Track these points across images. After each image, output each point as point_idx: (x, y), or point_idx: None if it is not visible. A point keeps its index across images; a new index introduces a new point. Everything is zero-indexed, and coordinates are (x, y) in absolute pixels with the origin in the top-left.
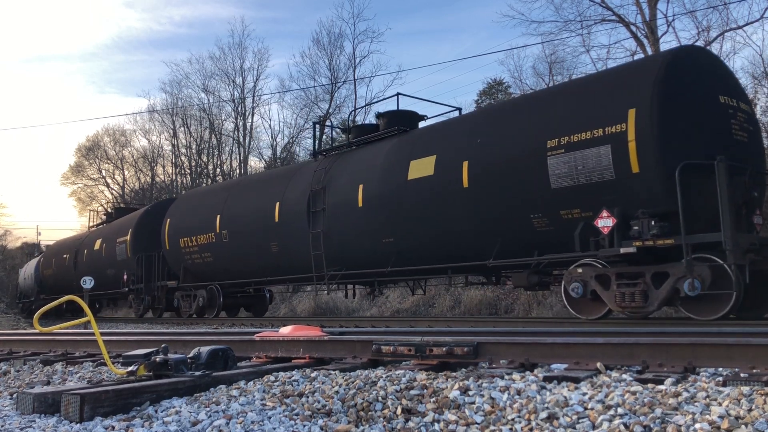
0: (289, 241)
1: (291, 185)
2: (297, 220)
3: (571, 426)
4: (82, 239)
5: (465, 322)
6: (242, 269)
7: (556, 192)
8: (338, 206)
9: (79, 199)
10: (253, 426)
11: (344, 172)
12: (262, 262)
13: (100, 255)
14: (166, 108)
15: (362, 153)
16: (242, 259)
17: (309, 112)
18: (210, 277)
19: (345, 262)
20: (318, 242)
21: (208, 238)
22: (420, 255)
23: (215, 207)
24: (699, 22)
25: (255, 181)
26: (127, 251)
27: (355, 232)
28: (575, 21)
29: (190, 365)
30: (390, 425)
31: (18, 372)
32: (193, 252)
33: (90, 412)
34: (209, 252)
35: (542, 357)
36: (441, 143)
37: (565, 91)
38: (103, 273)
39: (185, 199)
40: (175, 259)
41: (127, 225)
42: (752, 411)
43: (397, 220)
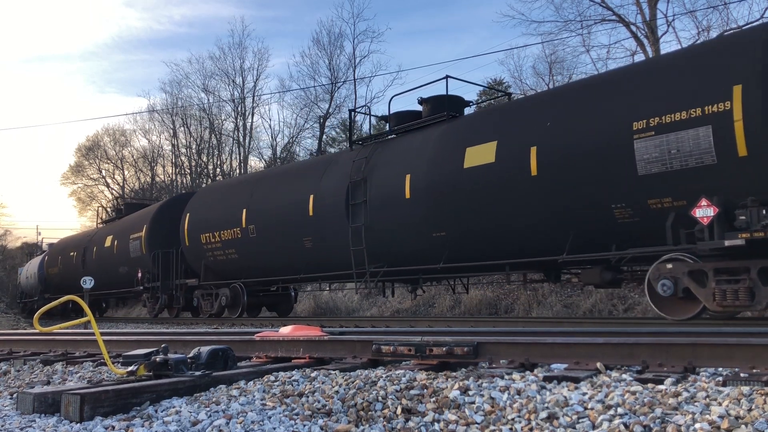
0: (324, 236)
1: (326, 176)
2: (334, 213)
3: (571, 426)
4: (90, 236)
5: (465, 322)
6: (270, 266)
7: (643, 179)
8: (382, 198)
9: (79, 199)
10: (253, 426)
11: (387, 162)
12: (294, 258)
13: (111, 252)
14: (166, 108)
15: (406, 141)
16: (271, 255)
17: (309, 112)
18: (233, 274)
19: (388, 258)
20: (359, 237)
21: (233, 234)
22: (475, 250)
23: (240, 201)
24: (699, 22)
25: (284, 172)
26: (142, 248)
27: (401, 225)
28: (575, 21)
29: (190, 365)
30: (390, 425)
31: (18, 372)
32: (216, 248)
33: (90, 411)
34: (234, 248)
35: (542, 357)
36: (502, 128)
37: (654, 67)
38: (114, 271)
39: (206, 193)
40: (196, 256)
41: (142, 220)
42: (752, 411)
43: (449, 213)
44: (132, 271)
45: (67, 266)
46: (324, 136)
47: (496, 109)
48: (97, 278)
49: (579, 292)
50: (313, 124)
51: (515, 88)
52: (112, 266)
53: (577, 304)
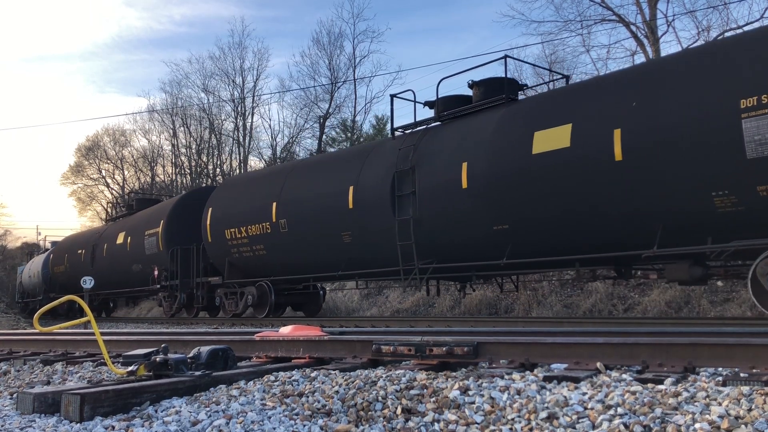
0: (366, 230)
1: (367, 166)
2: (378, 205)
3: (571, 426)
4: (100, 233)
5: (465, 322)
6: (303, 263)
7: (753, 163)
8: (434, 188)
9: (79, 199)
10: (253, 426)
11: (439, 150)
12: (331, 254)
13: (124, 249)
14: (166, 108)
15: (460, 127)
16: (304, 251)
17: (309, 112)
18: (261, 272)
19: (439, 254)
20: (407, 231)
21: (262, 229)
22: (542, 244)
23: (270, 193)
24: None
25: (318, 164)
26: (159, 244)
27: (456, 218)
28: (575, 21)
29: (190, 365)
30: (390, 425)
31: (18, 372)
32: (242, 244)
33: (90, 411)
34: (262, 244)
35: (542, 357)
36: (577, 109)
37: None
38: (126, 269)
39: (230, 186)
40: (219, 253)
41: (158, 216)
42: (752, 411)
43: (514, 203)
44: (147, 269)
45: (74, 264)
46: (324, 136)
47: (568, 90)
48: (108, 277)
49: (579, 292)
50: (313, 124)
51: None
52: (124, 264)
53: (577, 304)
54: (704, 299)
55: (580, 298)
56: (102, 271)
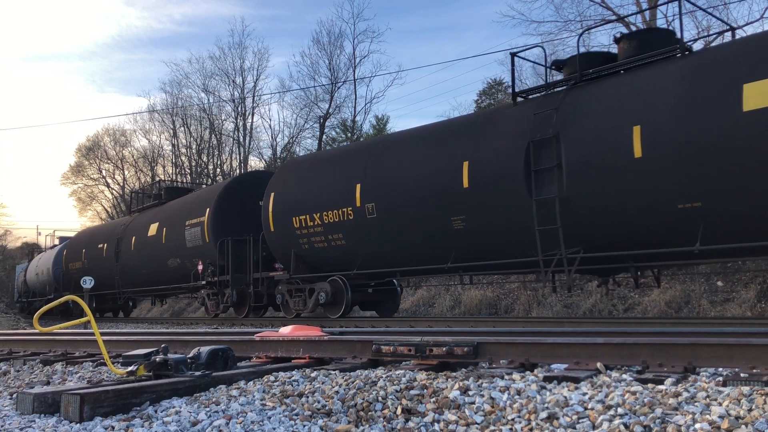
0: (485, 214)
1: (484, 138)
2: (504, 183)
3: (571, 426)
4: (125, 225)
5: (465, 322)
6: (394, 254)
7: None
8: (589, 160)
9: (79, 199)
10: (253, 426)
11: (595, 112)
12: (434, 243)
13: (158, 242)
14: (166, 108)
15: (619, 85)
16: (397, 240)
17: (309, 112)
18: (335, 265)
19: (590, 240)
20: (549, 213)
21: (342, 215)
22: (748, 226)
23: (351, 174)
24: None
25: (415, 138)
26: (205, 235)
27: (622, 195)
28: (575, 21)
29: (190, 365)
30: (390, 425)
31: (18, 372)
32: (314, 234)
33: (90, 412)
34: (341, 232)
35: (542, 357)
36: None
37: None
38: (160, 264)
39: (296, 168)
40: (283, 244)
41: (203, 203)
42: (752, 411)
43: (710, 175)
44: (186, 263)
45: (94, 260)
46: (324, 136)
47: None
48: (136, 273)
49: (579, 292)
50: (313, 124)
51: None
52: (157, 258)
53: (577, 304)
54: (704, 299)
55: (580, 298)
56: (129, 267)
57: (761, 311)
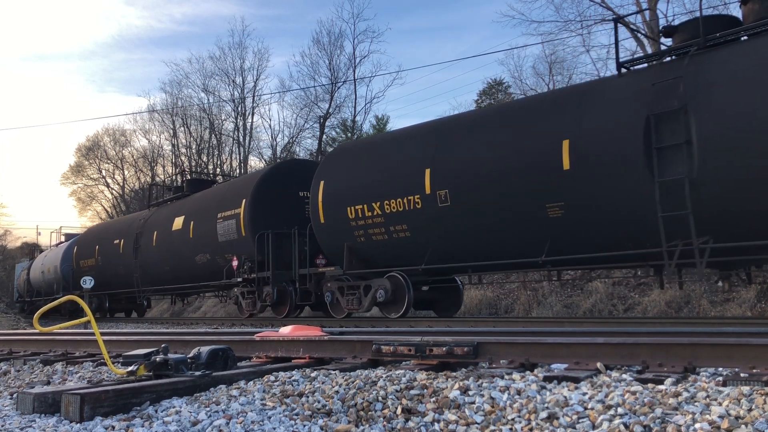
0: (590, 199)
1: (590, 112)
2: (617, 163)
3: (571, 426)
4: (143, 219)
5: (465, 322)
6: (469, 247)
7: None
8: (733, 134)
9: (79, 199)
10: (253, 426)
11: (737, 81)
12: (522, 234)
13: (184, 237)
14: (166, 108)
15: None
16: (477, 231)
17: (309, 112)
18: (396, 259)
19: (723, 229)
20: (677, 196)
21: (407, 204)
22: None
23: (418, 158)
24: None
25: (496, 115)
26: (241, 229)
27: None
28: (575, 21)
29: (190, 365)
30: (390, 425)
31: (18, 372)
32: (372, 225)
33: (90, 411)
34: (406, 223)
35: (542, 357)
36: None
37: None
38: (187, 260)
39: (349, 153)
40: (335, 237)
41: (238, 194)
42: (752, 411)
43: None
44: (218, 259)
45: (109, 257)
46: (324, 136)
47: None
48: (158, 270)
49: (579, 292)
50: (313, 124)
51: (515, 88)
52: (183, 254)
53: (577, 304)
54: (704, 299)
55: (580, 298)
56: (150, 264)
57: (761, 311)
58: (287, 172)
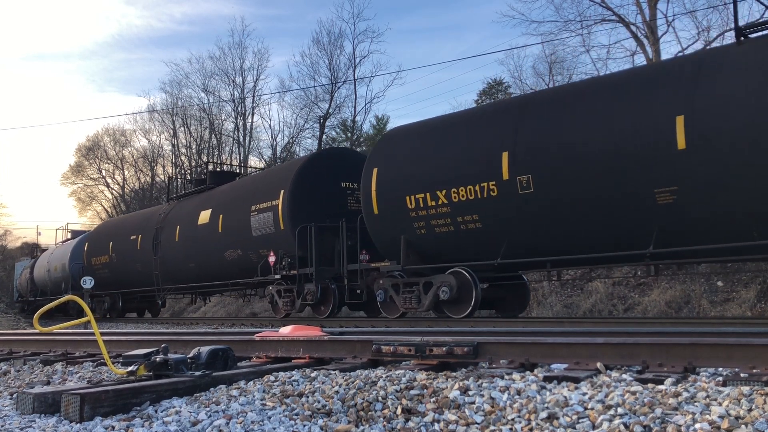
0: (713, 183)
1: (708, 85)
2: (751, 141)
3: (571, 426)
4: (163, 213)
5: (465, 322)
6: (559, 238)
7: None
8: None
9: (79, 199)
10: (253, 426)
11: None
12: (626, 224)
13: (212, 231)
14: (166, 108)
15: None
16: (566, 220)
17: (309, 112)
18: (463, 253)
19: None
20: None
21: (480, 191)
22: None
23: (493, 140)
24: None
25: (587, 90)
26: (279, 221)
27: None
28: (575, 21)
29: (190, 365)
30: (390, 425)
31: (18, 372)
32: (436, 215)
33: (90, 411)
34: (477, 213)
35: (542, 357)
36: None
37: None
38: (216, 256)
39: (406, 137)
40: (390, 229)
41: (275, 184)
42: (752, 411)
43: None
44: (250, 255)
45: (125, 254)
46: (324, 136)
47: None
48: (181, 267)
49: (579, 292)
50: (313, 124)
51: (515, 88)
52: (211, 250)
53: (577, 304)
54: (704, 299)
55: (580, 298)
56: (172, 261)
57: (761, 311)
58: (327, 161)
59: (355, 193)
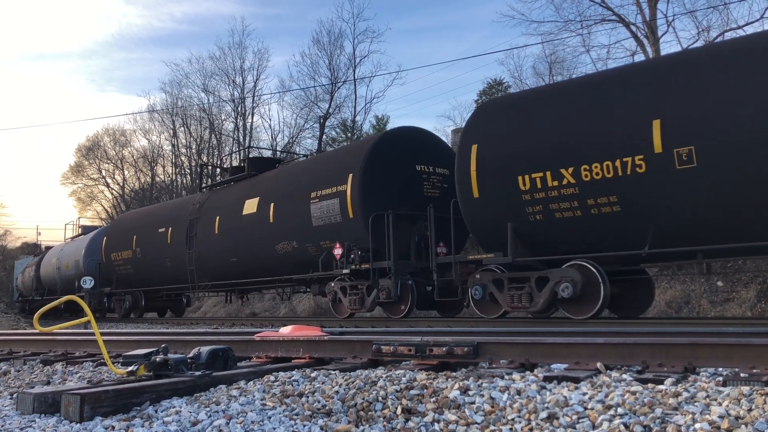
0: None
1: None
2: None
3: (571, 426)
4: (199, 203)
5: (465, 322)
6: (723, 222)
7: None
8: None
9: (79, 199)
10: (253, 426)
11: None
12: None
13: (261, 222)
14: (166, 108)
15: None
16: (741, 199)
17: (309, 112)
18: (587, 243)
19: None
20: None
21: (622, 168)
22: None
23: (640, 105)
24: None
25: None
26: (348, 209)
27: None
28: (575, 21)
29: (190, 365)
30: (390, 425)
31: (18, 372)
32: (559, 197)
33: (90, 411)
34: (616, 193)
35: (542, 357)
36: None
37: None
38: (265, 249)
39: (515, 107)
40: (494, 215)
41: (341, 168)
42: (752, 411)
43: None
44: (308, 247)
45: (153, 248)
46: (324, 136)
47: None
48: (224, 262)
49: None
50: (313, 124)
51: (515, 88)
52: (260, 242)
53: None
54: (704, 299)
55: None
56: (210, 255)
57: (761, 311)
58: (400, 141)
59: (431, 177)
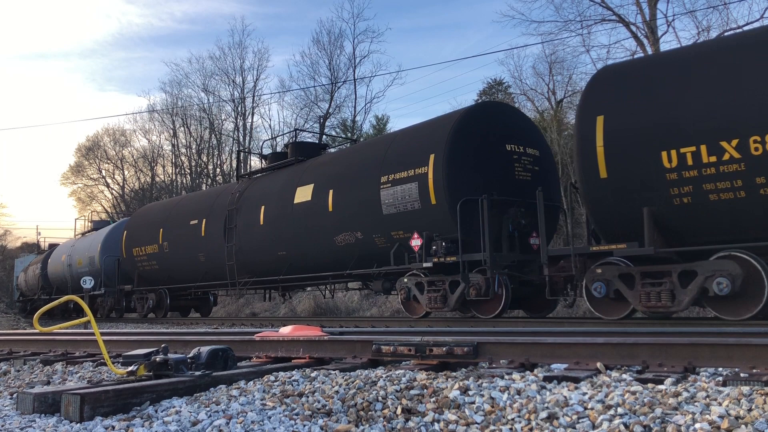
0: None
1: None
2: None
3: (571, 426)
4: (239, 192)
5: (465, 322)
6: None
7: None
8: None
9: (79, 199)
10: (253, 426)
11: None
12: None
13: (318, 210)
14: (166, 108)
15: None
16: None
17: (309, 112)
18: (744, 232)
19: None
20: None
21: None
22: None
23: None
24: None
25: None
26: (429, 193)
27: None
28: (575, 21)
29: (190, 365)
30: (390, 425)
31: (18, 372)
32: (716, 176)
33: (90, 411)
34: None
35: (542, 357)
36: None
37: None
38: (322, 241)
39: (651, 71)
40: (626, 198)
41: (421, 147)
42: (752, 411)
43: None
44: (376, 238)
45: (182, 242)
46: (324, 136)
47: None
48: (270, 257)
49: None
50: (313, 124)
51: (515, 88)
52: (315, 234)
53: (578, 304)
54: None
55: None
56: (253, 249)
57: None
58: (485, 118)
59: (522, 158)
